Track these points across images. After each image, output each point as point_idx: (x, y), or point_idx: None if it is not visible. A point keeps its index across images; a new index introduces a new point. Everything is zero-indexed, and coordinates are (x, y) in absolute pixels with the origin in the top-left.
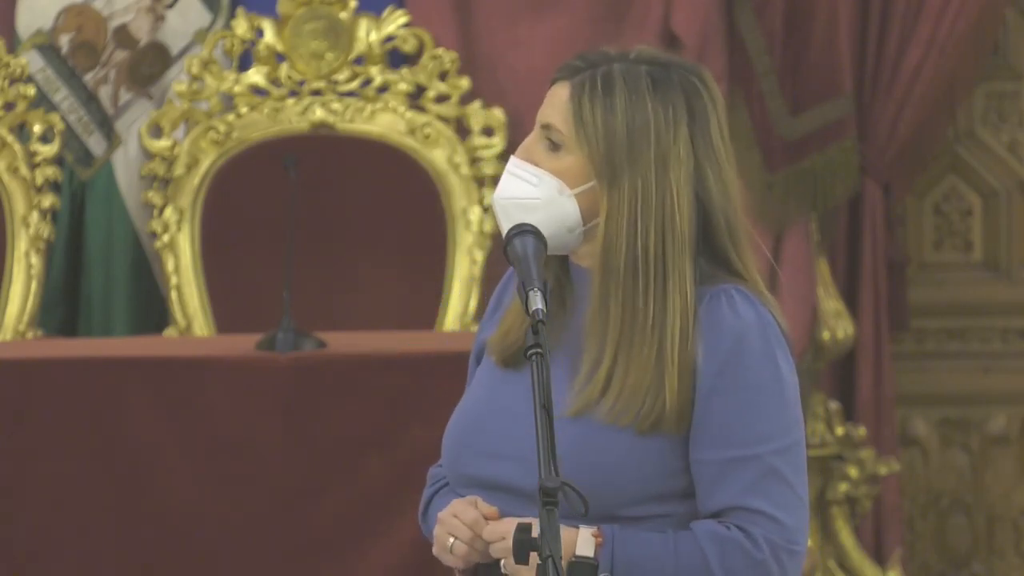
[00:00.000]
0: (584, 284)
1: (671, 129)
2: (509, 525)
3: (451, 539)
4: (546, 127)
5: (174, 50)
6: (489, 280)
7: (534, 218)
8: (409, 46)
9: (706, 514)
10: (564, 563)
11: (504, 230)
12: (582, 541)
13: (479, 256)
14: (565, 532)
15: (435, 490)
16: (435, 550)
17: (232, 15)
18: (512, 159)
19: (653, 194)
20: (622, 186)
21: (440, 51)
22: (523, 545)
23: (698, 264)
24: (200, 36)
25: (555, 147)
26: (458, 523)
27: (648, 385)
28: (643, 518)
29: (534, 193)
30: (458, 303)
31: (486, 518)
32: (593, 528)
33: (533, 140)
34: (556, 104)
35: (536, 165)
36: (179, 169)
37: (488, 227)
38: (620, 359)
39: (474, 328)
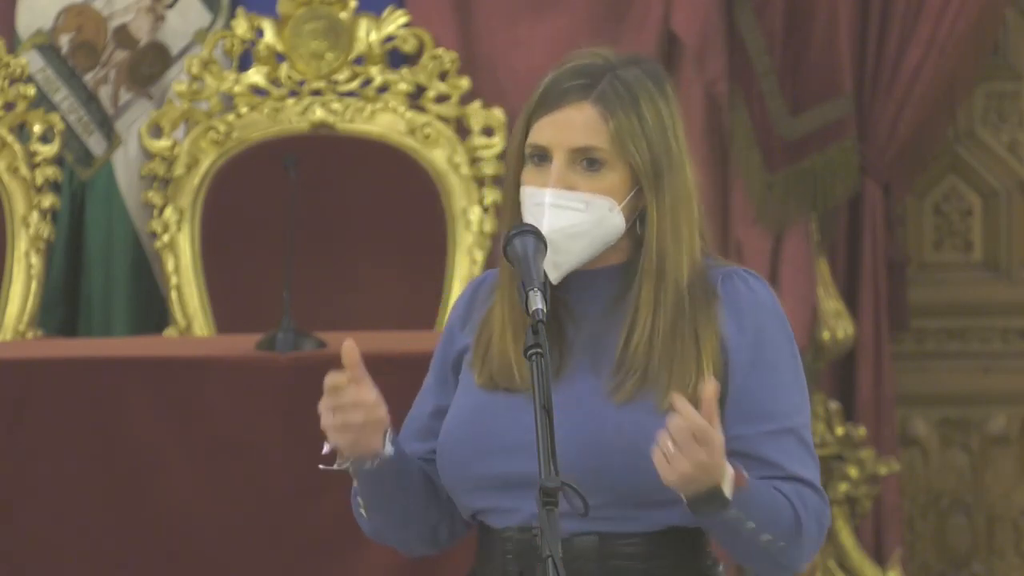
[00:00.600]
0: (580, 289)
1: (676, 122)
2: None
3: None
4: (582, 150)
5: (174, 50)
6: None
7: (582, 243)
8: (409, 46)
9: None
10: (703, 487)
11: (554, 263)
12: (727, 481)
13: (479, 256)
14: (722, 460)
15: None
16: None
17: (232, 15)
18: (551, 192)
19: (683, 189)
20: (666, 190)
21: (440, 51)
22: (524, 545)
23: None
24: (200, 36)
25: (596, 167)
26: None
27: (689, 372)
28: (666, 503)
29: (583, 219)
30: None
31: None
32: (738, 470)
33: (563, 167)
34: (585, 125)
35: (578, 190)
36: (179, 169)
37: (488, 227)
38: (666, 353)
39: None
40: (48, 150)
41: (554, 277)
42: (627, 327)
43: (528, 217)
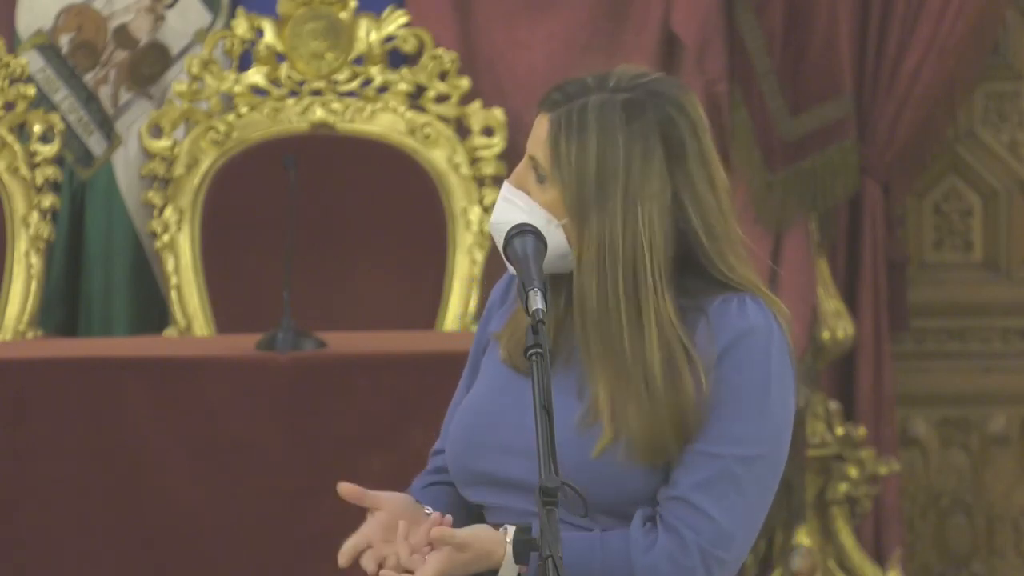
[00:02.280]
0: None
1: (644, 165)
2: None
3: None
4: (532, 159)
5: (174, 50)
6: (489, 280)
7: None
8: (409, 46)
9: (666, 496)
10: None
11: (502, 252)
12: (507, 562)
13: (479, 256)
14: (491, 541)
15: (426, 483)
16: None
17: (232, 15)
18: (505, 185)
19: (620, 234)
20: (591, 228)
21: (440, 51)
22: (523, 545)
23: (684, 286)
24: (200, 36)
25: (541, 179)
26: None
27: (649, 424)
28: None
29: (526, 219)
30: (458, 303)
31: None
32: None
33: (524, 168)
34: (539, 138)
35: (528, 193)
36: (179, 169)
37: (488, 227)
38: (618, 399)
39: (474, 328)
40: (48, 150)
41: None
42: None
43: None
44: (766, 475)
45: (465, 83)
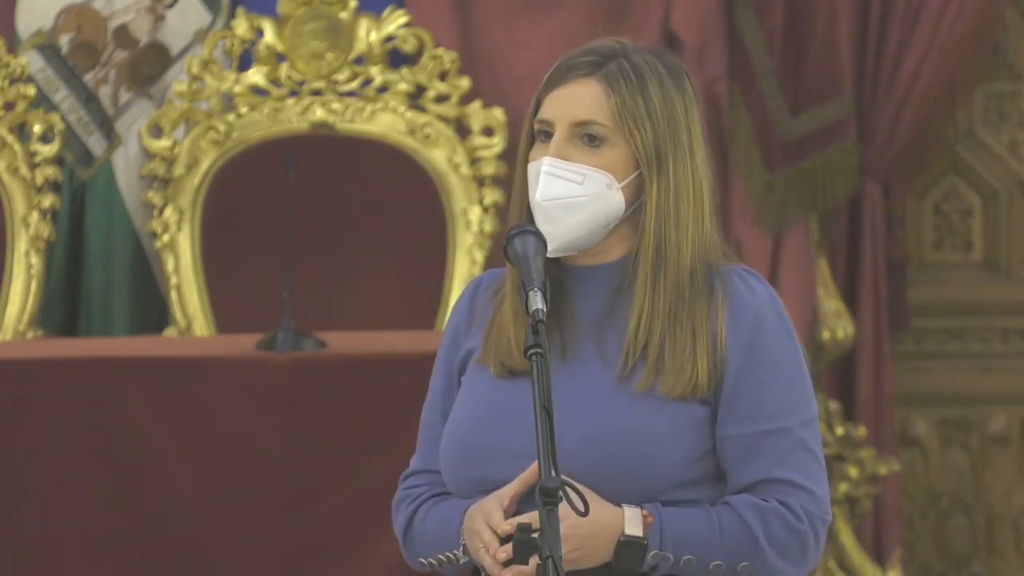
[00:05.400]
0: (583, 283)
1: (690, 115)
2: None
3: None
4: (582, 124)
5: (174, 50)
6: None
7: (578, 217)
8: (409, 46)
9: (739, 488)
10: (613, 541)
11: (547, 234)
12: (630, 520)
13: (479, 256)
14: (608, 511)
15: (413, 509)
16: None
17: (232, 15)
18: (548, 160)
19: (691, 179)
20: (668, 173)
21: (440, 51)
22: (523, 545)
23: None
24: (200, 36)
25: (596, 142)
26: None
27: (688, 357)
28: (677, 502)
29: (579, 191)
30: None
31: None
32: (641, 508)
33: (563, 140)
34: (589, 99)
35: (576, 162)
36: (179, 169)
37: (488, 227)
38: (669, 338)
39: None
40: (48, 150)
41: (549, 249)
42: (630, 313)
43: (531, 191)
44: (818, 430)
45: (465, 83)
